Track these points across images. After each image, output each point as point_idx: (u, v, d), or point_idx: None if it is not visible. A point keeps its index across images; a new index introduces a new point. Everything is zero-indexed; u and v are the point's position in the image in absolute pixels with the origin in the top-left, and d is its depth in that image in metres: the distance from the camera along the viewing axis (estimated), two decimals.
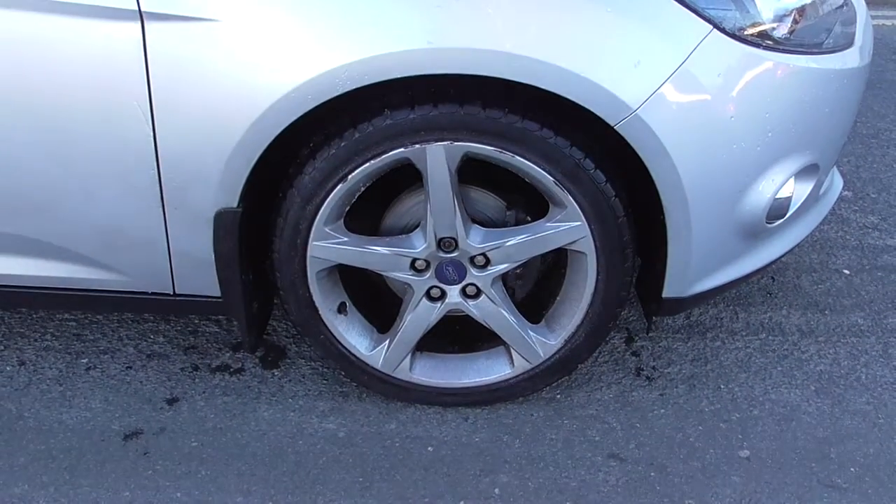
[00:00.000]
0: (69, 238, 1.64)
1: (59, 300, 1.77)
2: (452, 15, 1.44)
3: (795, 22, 1.60)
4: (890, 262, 2.40)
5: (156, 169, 1.52)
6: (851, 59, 1.69)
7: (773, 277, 2.31)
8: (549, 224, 1.63)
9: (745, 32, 1.53)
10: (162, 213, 1.58)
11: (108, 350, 2.01)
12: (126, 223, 1.60)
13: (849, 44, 1.71)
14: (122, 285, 1.71)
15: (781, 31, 1.58)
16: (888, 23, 4.54)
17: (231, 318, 2.05)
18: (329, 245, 1.64)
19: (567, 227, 1.61)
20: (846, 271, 2.35)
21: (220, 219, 1.57)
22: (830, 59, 1.64)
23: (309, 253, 1.64)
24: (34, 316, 2.12)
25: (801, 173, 1.70)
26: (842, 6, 1.72)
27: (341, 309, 1.76)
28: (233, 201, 1.56)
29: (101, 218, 1.60)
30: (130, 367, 1.96)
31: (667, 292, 1.71)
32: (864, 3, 1.87)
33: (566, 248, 1.65)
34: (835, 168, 2.07)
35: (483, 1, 1.44)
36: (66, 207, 1.59)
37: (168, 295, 1.71)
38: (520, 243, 1.64)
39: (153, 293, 1.71)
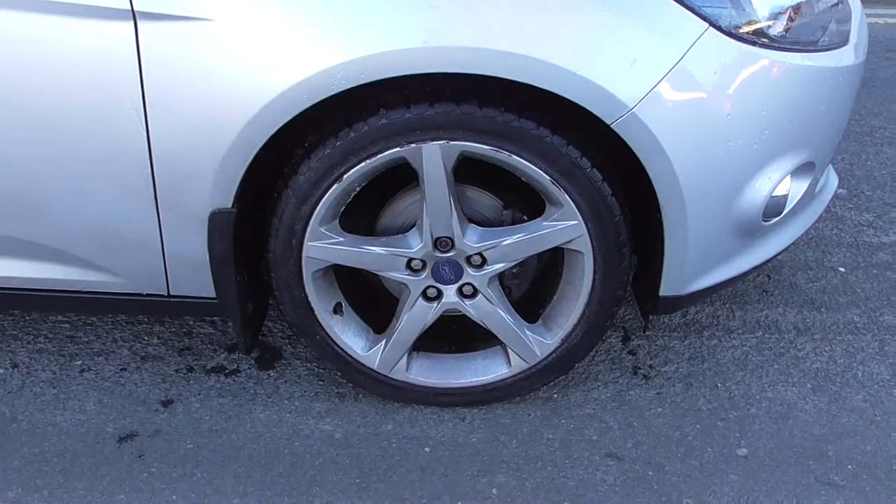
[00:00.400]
0: (63, 239, 1.63)
1: (53, 302, 1.76)
2: (448, 14, 1.43)
3: (791, 20, 1.60)
4: (885, 259, 2.40)
5: (149, 169, 1.51)
6: (847, 56, 1.69)
7: (768, 275, 2.31)
8: (545, 223, 1.62)
9: (741, 30, 1.53)
10: (156, 213, 1.57)
11: (102, 352, 2.00)
12: (120, 224, 1.59)
13: (844, 42, 1.71)
14: (117, 287, 1.70)
15: (777, 28, 1.58)
16: (881, 21, 4.55)
17: (226, 319, 2.04)
18: (324, 245, 1.63)
19: (564, 225, 1.61)
20: (841, 269, 2.36)
21: (215, 219, 1.56)
22: (826, 57, 1.64)
23: (304, 253, 1.63)
24: (27, 318, 2.10)
25: (797, 171, 1.70)
26: (837, 4, 1.72)
27: (337, 309, 1.75)
28: (227, 202, 1.55)
29: (95, 219, 1.59)
30: (125, 369, 1.95)
31: (664, 291, 1.70)
32: (858, 0, 1.87)
33: (563, 247, 1.65)
34: (830, 166, 2.07)
35: (480, 1, 1.43)
36: (60, 208, 1.58)
37: (162, 296, 1.70)
38: (516, 242, 1.64)
39: (148, 294, 1.70)
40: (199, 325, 2.09)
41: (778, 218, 1.73)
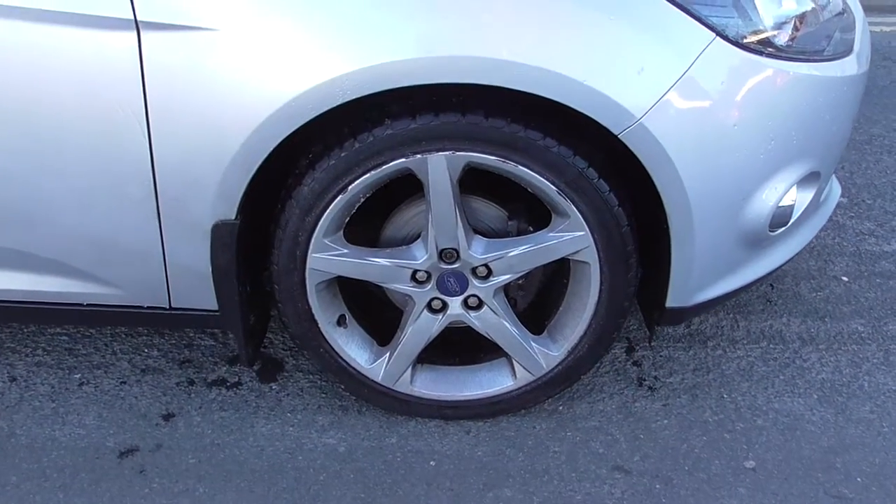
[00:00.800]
0: (63, 251, 1.61)
1: (52, 315, 1.74)
2: (453, 24, 1.42)
3: (796, 29, 1.60)
4: (887, 268, 2.39)
5: (152, 180, 1.49)
6: (851, 66, 1.69)
7: (772, 285, 2.30)
8: (552, 234, 1.61)
9: (748, 40, 1.52)
10: (158, 224, 1.55)
11: (102, 365, 1.97)
12: (121, 235, 1.57)
13: (848, 51, 1.70)
14: (117, 299, 1.68)
15: (783, 38, 1.57)
16: (877, 29, 4.56)
17: (227, 331, 2.01)
18: (328, 257, 1.61)
19: (570, 236, 1.59)
20: (844, 278, 2.35)
21: (218, 231, 1.54)
22: (831, 67, 1.64)
23: (308, 265, 1.61)
24: (25, 330, 2.08)
25: (803, 181, 1.69)
26: (841, 13, 1.72)
27: (341, 321, 1.73)
28: (230, 213, 1.53)
29: (95, 230, 1.56)
30: (125, 382, 1.92)
31: (670, 302, 1.69)
32: (861, 9, 1.87)
33: (569, 258, 1.63)
34: (833, 175, 2.07)
35: (484, 10, 1.42)
36: (60, 219, 1.56)
37: (164, 309, 1.68)
38: (522, 254, 1.62)
39: (149, 307, 1.68)
40: (200, 336, 2.07)
41: (784, 228, 1.72)
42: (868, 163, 3.04)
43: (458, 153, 1.51)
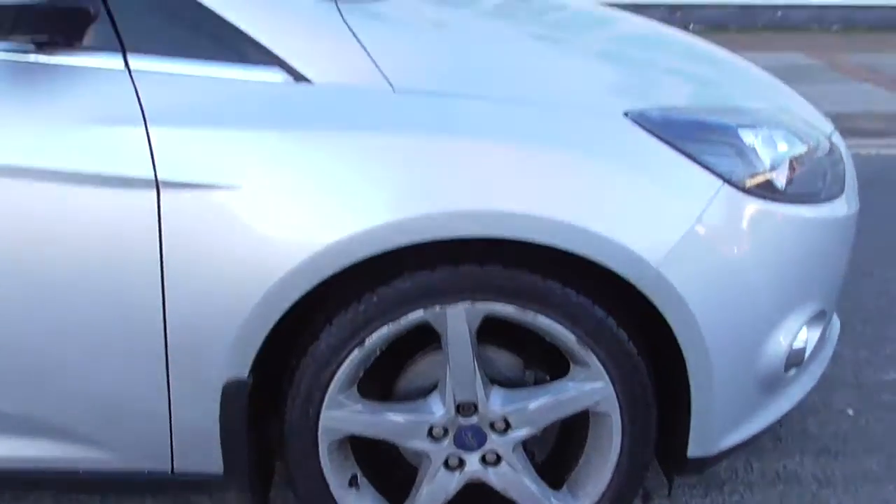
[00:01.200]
0: (62, 413, 1.51)
1: (42, 483, 1.63)
2: (470, 178, 1.43)
3: (792, 170, 1.64)
4: (889, 400, 2.38)
5: (163, 338, 1.44)
6: (845, 205, 1.74)
7: (780, 422, 2.25)
8: (571, 384, 1.57)
9: (751, 184, 1.56)
10: (167, 383, 1.48)
11: None
12: (127, 394, 1.49)
13: (841, 189, 1.76)
14: (117, 463, 1.56)
15: (781, 179, 1.61)
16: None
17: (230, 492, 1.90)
18: (343, 414, 1.54)
19: (590, 387, 1.56)
20: (850, 411, 2.32)
21: (229, 391, 1.48)
22: (829, 208, 1.69)
23: (321, 423, 1.54)
24: (4, 496, 1.94)
25: (811, 320, 1.70)
26: (830, 151, 1.78)
27: (352, 482, 1.64)
28: (243, 371, 1.47)
29: (100, 390, 1.48)
30: None
31: (692, 451, 1.64)
32: (844, 144, 1.93)
33: (589, 408, 1.59)
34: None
35: (502, 167, 1.44)
36: (64, 379, 1.48)
37: (165, 474, 1.58)
38: (542, 406, 1.57)
39: (149, 472, 1.58)
40: (196, 497, 1.94)
41: (797, 368, 1.71)
42: (851, 288, 3.06)
43: (477, 304, 1.48)
